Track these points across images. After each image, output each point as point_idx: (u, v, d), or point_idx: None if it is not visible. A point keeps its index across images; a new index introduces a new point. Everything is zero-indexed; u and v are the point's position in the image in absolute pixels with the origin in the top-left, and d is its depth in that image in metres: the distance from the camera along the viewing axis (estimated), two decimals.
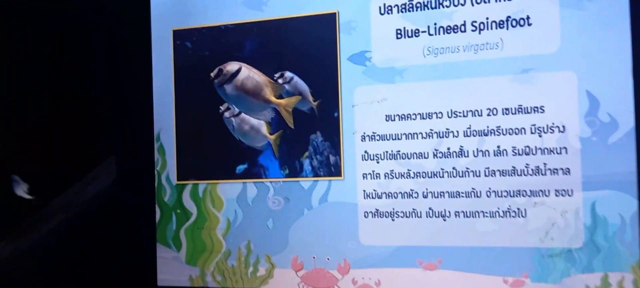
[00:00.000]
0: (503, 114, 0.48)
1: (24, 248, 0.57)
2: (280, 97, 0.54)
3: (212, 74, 0.55)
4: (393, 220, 0.51)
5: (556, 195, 0.47)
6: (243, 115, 0.55)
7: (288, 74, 0.53)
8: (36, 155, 0.58)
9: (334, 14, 0.52)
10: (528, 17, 0.48)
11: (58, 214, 0.57)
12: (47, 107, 0.59)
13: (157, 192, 0.57)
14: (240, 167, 0.55)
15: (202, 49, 0.56)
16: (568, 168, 0.47)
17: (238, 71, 0.55)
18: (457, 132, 0.49)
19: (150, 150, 0.57)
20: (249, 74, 0.54)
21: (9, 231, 0.57)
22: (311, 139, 0.53)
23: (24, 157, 0.58)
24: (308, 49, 0.53)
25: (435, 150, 0.50)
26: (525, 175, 0.48)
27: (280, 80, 0.54)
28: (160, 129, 0.57)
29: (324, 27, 0.52)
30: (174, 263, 0.56)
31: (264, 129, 0.54)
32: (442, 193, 0.50)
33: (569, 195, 0.47)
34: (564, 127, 0.47)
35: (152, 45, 0.57)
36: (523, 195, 0.48)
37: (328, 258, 0.53)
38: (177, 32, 0.57)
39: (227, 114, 0.55)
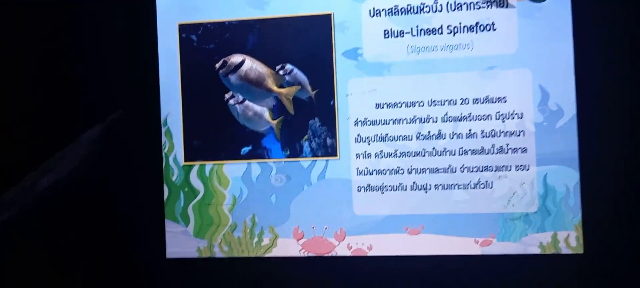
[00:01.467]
0: (473, 103, 0.56)
1: (47, 221, 0.60)
2: (281, 86, 0.59)
3: (217, 65, 0.60)
4: (382, 193, 0.58)
5: (516, 170, 0.56)
6: (247, 102, 0.60)
7: (288, 66, 0.59)
8: (54, 142, 0.61)
9: (330, 15, 0.58)
10: (493, 24, 0.56)
11: (77, 193, 0.61)
12: (61, 97, 0.62)
13: (165, 172, 0.61)
14: (245, 149, 0.60)
15: (207, 42, 0.60)
16: (525, 148, 0.56)
17: (242, 63, 0.59)
18: (436, 118, 0.57)
19: (158, 134, 0.61)
20: (252, 65, 0.59)
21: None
22: (310, 124, 0.59)
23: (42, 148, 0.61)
24: (306, 45, 0.58)
25: (418, 133, 0.57)
26: (491, 153, 0.56)
27: (281, 72, 0.59)
28: (167, 115, 0.61)
29: (321, 26, 0.58)
30: (183, 237, 0.60)
31: (267, 115, 0.60)
32: (423, 170, 0.57)
33: (526, 170, 0.56)
34: (521, 114, 0.56)
35: (158, 37, 0.60)
36: (490, 170, 0.56)
37: (326, 227, 0.59)
38: (182, 26, 0.60)
39: (232, 102, 0.60)
